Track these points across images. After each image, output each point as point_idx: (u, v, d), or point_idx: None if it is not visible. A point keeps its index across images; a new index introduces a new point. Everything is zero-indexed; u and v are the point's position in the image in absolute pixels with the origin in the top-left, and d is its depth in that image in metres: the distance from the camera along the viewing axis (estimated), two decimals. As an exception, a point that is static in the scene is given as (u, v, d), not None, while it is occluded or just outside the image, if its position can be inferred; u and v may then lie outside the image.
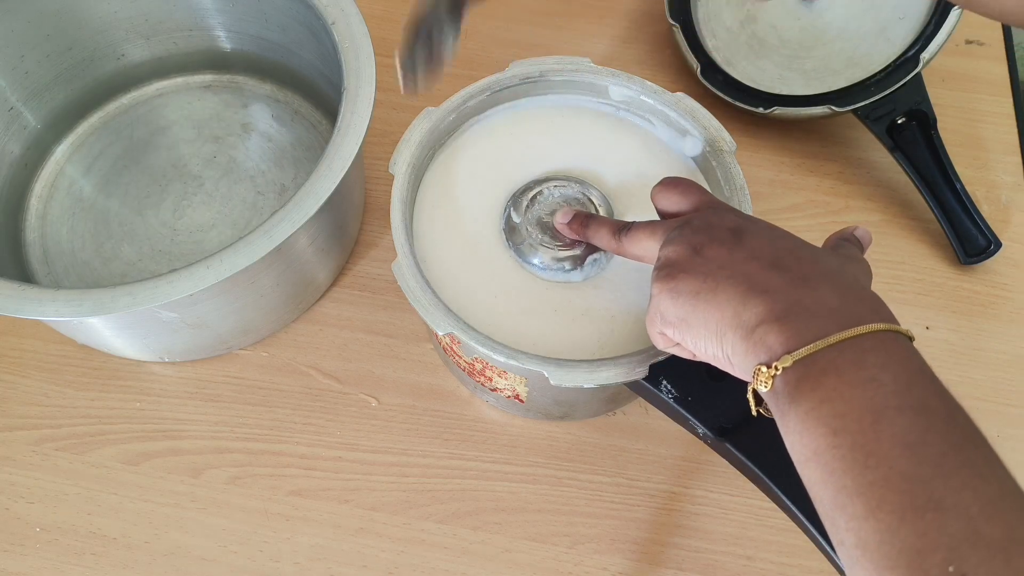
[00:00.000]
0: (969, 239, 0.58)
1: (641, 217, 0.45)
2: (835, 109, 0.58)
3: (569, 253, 0.46)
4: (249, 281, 0.48)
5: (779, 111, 0.60)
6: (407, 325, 0.56)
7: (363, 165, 0.60)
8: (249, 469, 0.51)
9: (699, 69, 0.63)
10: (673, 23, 0.65)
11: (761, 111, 0.61)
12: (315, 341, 0.55)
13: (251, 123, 0.62)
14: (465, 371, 0.49)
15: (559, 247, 0.46)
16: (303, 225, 0.44)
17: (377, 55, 0.49)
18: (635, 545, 0.50)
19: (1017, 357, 0.56)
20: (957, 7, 0.55)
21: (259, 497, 0.51)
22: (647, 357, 0.42)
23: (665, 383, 0.41)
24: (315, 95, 0.62)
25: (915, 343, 0.31)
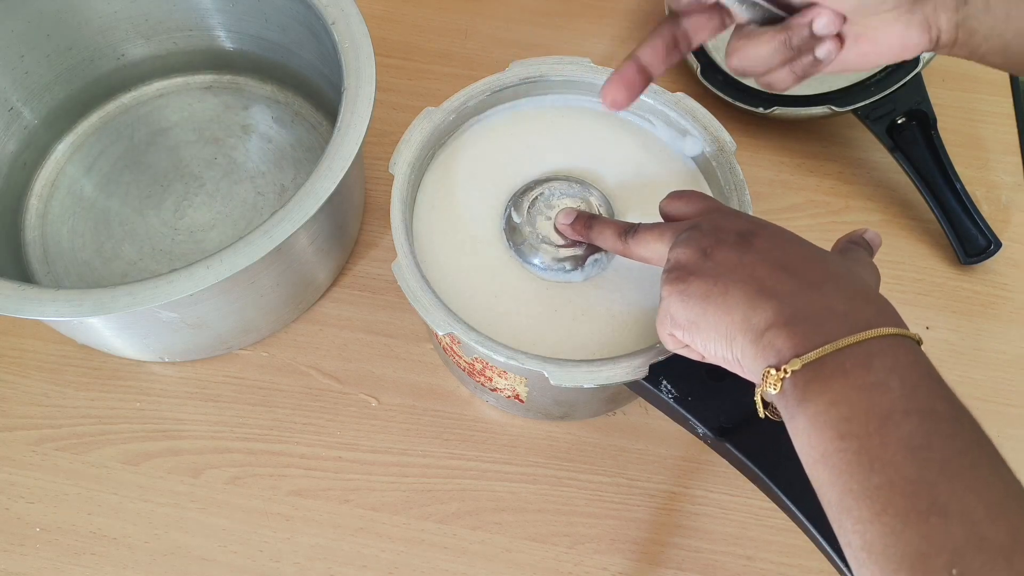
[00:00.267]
0: (969, 239, 0.58)
1: (641, 217, 0.45)
2: (835, 109, 0.58)
3: (570, 253, 0.46)
4: (249, 281, 0.48)
5: (779, 111, 0.60)
6: (407, 325, 0.56)
7: (363, 165, 0.60)
8: (249, 469, 0.51)
9: (699, 69, 0.63)
10: (673, 23, 0.64)
11: (761, 111, 0.61)
12: (315, 341, 0.55)
13: (251, 125, 0.62)
14: (465, 371, 0.49)
15: (560, 247, 0.46)
16: (303, 225, 0.44)
17: (377, 55, 0.49)
18: (635, 545, 0.50)
19: (1017, 357, 0.56)
20: None
21: (259, 497, 0.51)
22: (647, 357, 0.42)
23: (665, 383, 0.41)
24: (315, 95, 0.62)
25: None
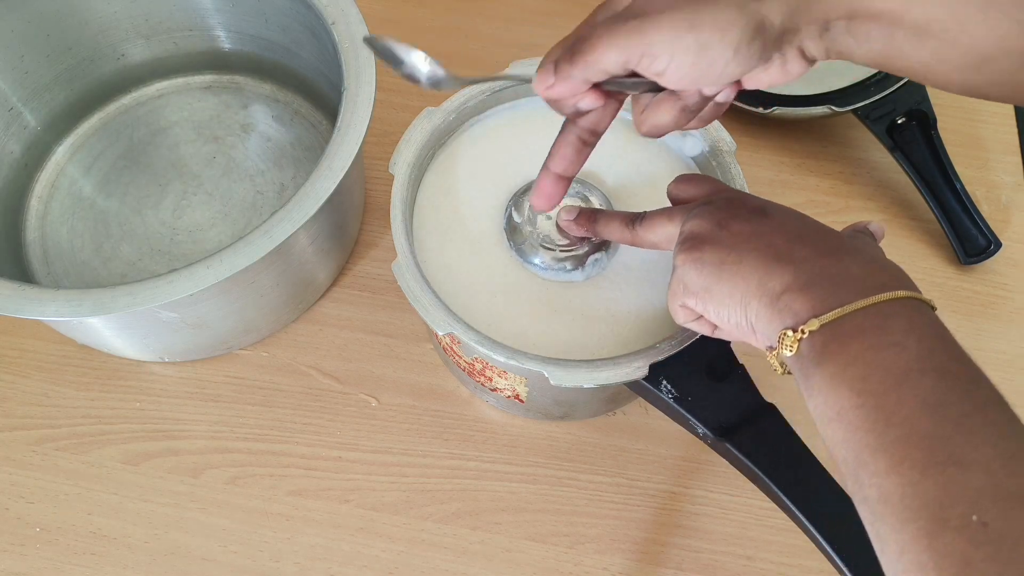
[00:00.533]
0: (969, 239, 0.58)
1: (641, 217, 0.45)
2: (835, 109, 0.58)
3: (571, 253, 0.46)
4: (249, 281, 0.48)
5: (779, 111, 0.60)
6: (407, 325, 0.56)
7: (363, 165, 0.60)
8: (249, 469, 0.51)
9: (699, 69, 0.63)
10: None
11: (761, 111, 0.61)
12: (315, 341, 0.55)
13: (251, 123, 0.62)
14: (465, 371, 0.49)
15: (561, 247, 0.46)
16: (303, 225, 0.44)
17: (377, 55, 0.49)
18: (635, 545, 0.50)
19: (1017, 357, 0.56)
20: None
21: (259, 497, 0.51)
22: (647, 357, 0.41)
23: (665, 383, 0.41)
24: (315, 95, 0.61)
25: None
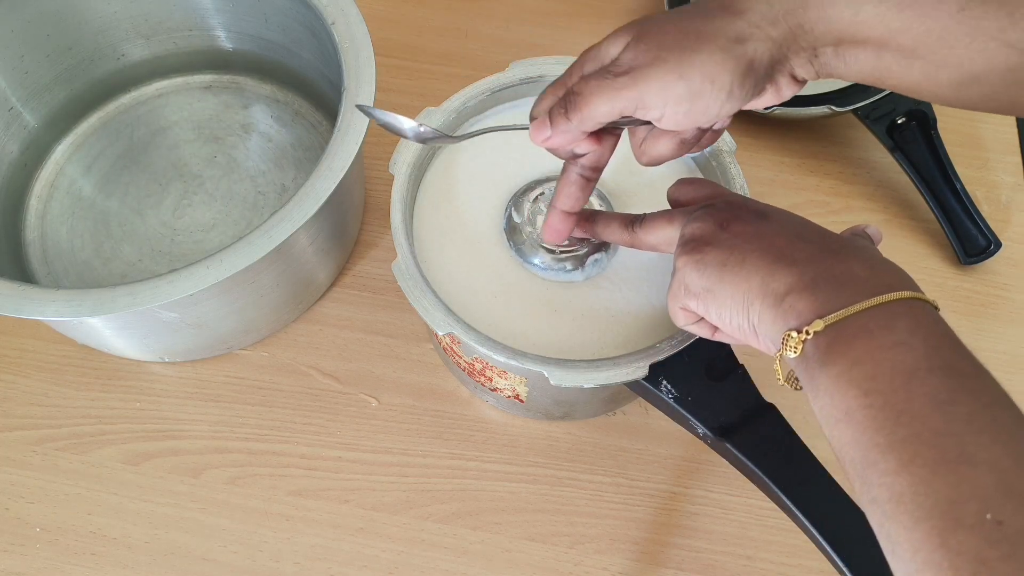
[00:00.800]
0: (969, 239, 0.58)
1: (641, 217, 0.45)
2: (835, 109, 0.58)
3: (570, 253, 0.46)
4: (249, 281, 0.48)
5: (779, 111, 0.60)
6: (407, 325, 0.56)
7: (363, 165, 0.60)
8: (249, 469, 0.51)
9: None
10: (673, 23, 0.64)
11: (761, 111, 0.60)
12: (315, 341, 0.55)
13: (251, 123, 0.62)
14: (465, 371, 0.49)
15: (561, 247, 0.46)
16: (303, 225, 0.44)
17: (378, 55, 0.49)
18: (635, 545, 0.50)
19: (1017, 357, 0.56)
20: None
21: (259, 497, 0.51)
22: (647, 357, 0.41)
23: (665, 383, 0.41)
24: (315, 95, 0.61)
25: None
